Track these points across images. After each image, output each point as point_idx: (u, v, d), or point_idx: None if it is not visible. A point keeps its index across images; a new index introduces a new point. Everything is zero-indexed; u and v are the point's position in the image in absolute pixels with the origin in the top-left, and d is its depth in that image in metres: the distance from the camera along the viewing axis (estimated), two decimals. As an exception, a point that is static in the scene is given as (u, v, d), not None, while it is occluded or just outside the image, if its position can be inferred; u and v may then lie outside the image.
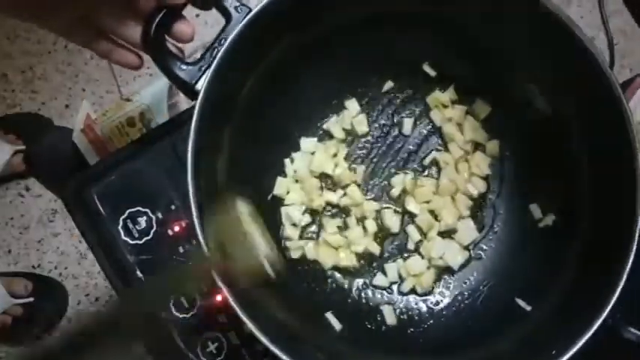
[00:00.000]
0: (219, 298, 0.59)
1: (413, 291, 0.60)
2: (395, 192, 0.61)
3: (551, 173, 0.57)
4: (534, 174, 0.59)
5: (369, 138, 0.64)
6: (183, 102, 0.71)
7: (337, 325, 0.56)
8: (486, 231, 0.61)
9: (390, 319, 0.59)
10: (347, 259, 0.60)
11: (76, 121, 0.69)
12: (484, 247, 0.61)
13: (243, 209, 0.51)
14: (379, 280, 0.60)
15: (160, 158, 0.62)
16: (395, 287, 0.60)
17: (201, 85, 0.47)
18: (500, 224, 0.61)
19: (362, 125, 0.62)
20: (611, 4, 1.01)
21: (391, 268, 0.60)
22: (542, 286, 0.53)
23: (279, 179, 0.61)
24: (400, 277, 0.60)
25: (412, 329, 0.59)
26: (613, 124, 0.47)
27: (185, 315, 0.59)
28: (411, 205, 0.61)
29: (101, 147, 0.67)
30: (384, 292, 0.60)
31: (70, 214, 0.62)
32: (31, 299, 1.16)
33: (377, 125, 0.64)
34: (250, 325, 0.44)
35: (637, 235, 0.45)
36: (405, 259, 0.61)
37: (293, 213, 0.60)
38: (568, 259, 0.53)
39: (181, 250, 0.61)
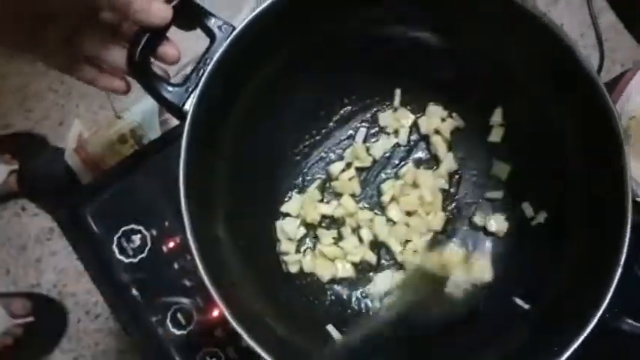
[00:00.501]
0: (216, 313, 0.59)
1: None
2: (385, 199, 0.61)
3: (541, 172, 0.57)
4: (526, 174, 0.59)
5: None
6: (174, 118, 0.71)
7: (338, 336, 0.56)
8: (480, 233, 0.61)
9: (390, 323, 0.58)
10: (344, 270, 0.60)
11: (68, 141, 0.69)
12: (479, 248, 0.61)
13: None
14: (371, 290, 0.60)
15: (152, 175, 0.62)
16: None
17: (189, 105, 0.46)
18: (494, 225, 0.61)
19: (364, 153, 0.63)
20: (600, 0, 1.01)
21: (380, 278, 0.60)
22: (539, 284, 0.53)
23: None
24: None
25: (414, 335, 0.57)
26: (601, 124, 0.47)
27: (182, 331, 0.59)
28: (392, 212, 0.60)
29: (94, 165, 0.67)
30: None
31: (64, 234, 0.62)
32: (31, 319, 1.16)
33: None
34: (251, 343, 0.44)
35: (629, 227, 0.45)
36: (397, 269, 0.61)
37: (288, 227, 0.60)
38: (563, 256, 0.52)
39: (176, 266, 0.61)
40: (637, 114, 0.65)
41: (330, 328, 0.56)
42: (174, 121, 0.73)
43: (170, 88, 0.47)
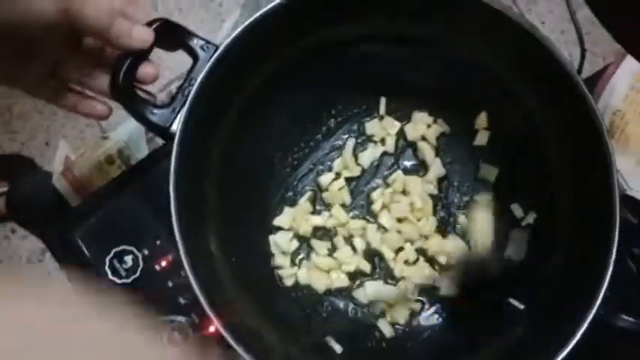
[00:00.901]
0: (212, 329, 0.59)
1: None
2: (376, 207, 0.61)
3: (529, 173, 0.57)
4: (513, 176, 0.60)
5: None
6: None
7: (338, 348, 0.56)
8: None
9: (388, 331, 0.58)
10: (339, 280, 0.60)
11: (55, 164, 0.69)
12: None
13: None
14: (359, 295, 0.60)
15: (141, 195, 0.61)
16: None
17: (176, 126, 0.47)
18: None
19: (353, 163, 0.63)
20: (578, -5, 1.02)
21: (370, 285, 0.60)
22: (533, 284, 0.54)
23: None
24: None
25: (411, 342, 0.58)
26: (585, 125, 0.48)
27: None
28: (384, 220, 0.61)
29: (81, 188, 0.66)
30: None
31: (54, 259, 0.62)
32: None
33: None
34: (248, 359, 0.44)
35: (618, 222, 0.46)
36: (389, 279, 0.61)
37: (281, 240, 0.60)
38: (554, 255, 0.53)
39: (170, 284, 0.60)
40: (621, 108, 0.66)
41: (328, 339, 0.56)
42: (161, 140, 0.73)
43: (155, 111, 0.47)
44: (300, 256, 0.61)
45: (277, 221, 0.61)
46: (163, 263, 0.61)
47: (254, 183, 0.60)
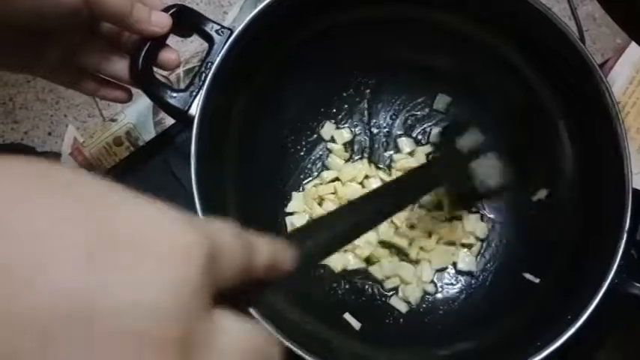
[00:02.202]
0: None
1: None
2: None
3: (538, 150, 0.58)
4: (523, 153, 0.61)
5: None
6: (169, 118, 0.72)
7: (356, 324, 0.57)
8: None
9: (402, 307, 0.59)
10: (355, 262, 0.60)
11: (64, 146, 0.69)
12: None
13: None
14: (375, 270, 0.60)
15: (152, 174, 0.62)
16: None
17: (194, 110, 0.47)
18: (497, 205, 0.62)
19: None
20: (577, -9, 1.04)
21: (386, 263, 0.61)
22: (547, 257, 0.55)
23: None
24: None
25: (428, 317, 0.59)
26: (594, 103, 0.49)
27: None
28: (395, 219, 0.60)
29: (90, 169, 0.67)
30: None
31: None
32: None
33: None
34: (269, 328, 0.44)
35: (630, 194, 0.47)
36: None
37: (297, 222, 0.61)
38: (567, 227, 0.54)
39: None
40: (621, 100, 0.68)
41: (347, 316, 0.57)
42: (169, 122, 0.74)
43: (174, 94, 0.48)
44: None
45: (290, 207, 0.62)
46: (173, 245, 0.62)
47: (269, 166, 0.61)
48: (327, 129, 0.64)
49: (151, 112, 0.71)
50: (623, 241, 0.46)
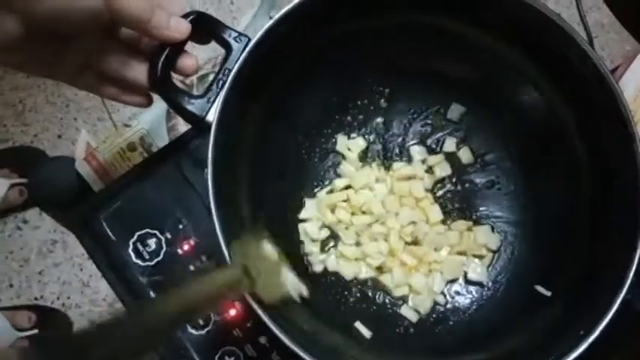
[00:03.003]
0: (233, 312, 0.60)
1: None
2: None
3: (550, 161, 0.59)
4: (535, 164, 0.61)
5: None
6: (182, 124, 0.73)
7: (367, 333, 0.57)
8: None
9: (412, 315, 0.59)
10: (366, 272, 0.61)
11: (77, 151, 0.70)
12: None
13: (269, 250, 0.52)
14: (386, 279, 0.60)
15: (165, 179, 0.63)
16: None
17: (211, 116, 0.48)
18: (510, 215, 0.63)
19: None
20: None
21: (397, 272, 0.61)
22: (559, 271, 0.54)
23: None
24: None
25: (438, 328, 0.59)
26: (608, 111, 0.49)
27: (201, 331, 0.60)
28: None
29: (104, 174, 0.68)
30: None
31: (79, 242, 0.63)
32: (36, 331, 1.16)
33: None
34: (282, 337, 0.45)
35: None
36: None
37: (310, 229, 0.61)
38: (580, 241, 0.54)
39: (192, 268, 0.62)
40: (632, 108, 0.68)
41: (358, 325, 0.57)
42: (182, 128, 0.74)
43: (192, 100, 0.48)
44: (331, 244, 0.62)
45: (303, 214, 0.62)
46: (186, 247, 0.62)
47: (282, 173, 0.61)
48: (341, 142, 0.64)
49: (164, 118, 0.72)
50: (637, 257, 0.45)
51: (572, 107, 0.55)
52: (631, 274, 0.45)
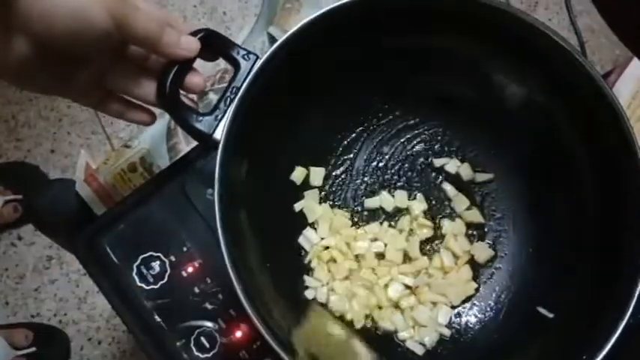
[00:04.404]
0: (239, 334, 0.60)
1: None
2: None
3: (555, 189, 0.59)
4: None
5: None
6: (182, 143, 0.72)
7: (366, 354, 0.56)
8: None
9: (418, 349, 0.59)
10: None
11: (77, 172, 0.69)
12: (497, 261, 0.62)
13: (336, 330, 0.51)
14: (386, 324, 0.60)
15: (168, 201, 0.62)
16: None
17: (219, 134, 0.48)
18: (509, 235, 0.63)
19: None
20: (577, 4, 1.06)
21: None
22: (561, 292, 0.55)
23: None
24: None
25: (442, 350, 0.59)
26: (609, 125, 0.50)
27: (207, 354, 0.60)
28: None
29: (106, 195, 0.67)
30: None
31: (82, 266, 0.62)
32: (33, 349, 1.15)
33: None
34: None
35: None
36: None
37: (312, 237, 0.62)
38: (583, 262, 0.54)
39: (197, 290, 0.61)
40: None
41: (356, 343, 0.57)
42: (182, 146, 0.74)
43: (200, 118, 0.48)
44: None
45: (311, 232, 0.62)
46: (190, 269, 0.62)
47: (285, 197, 0.62)
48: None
49: (164, 136, 0.72)
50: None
51: (574, 123, 0.56)
52: (635, 298, 0.45)
